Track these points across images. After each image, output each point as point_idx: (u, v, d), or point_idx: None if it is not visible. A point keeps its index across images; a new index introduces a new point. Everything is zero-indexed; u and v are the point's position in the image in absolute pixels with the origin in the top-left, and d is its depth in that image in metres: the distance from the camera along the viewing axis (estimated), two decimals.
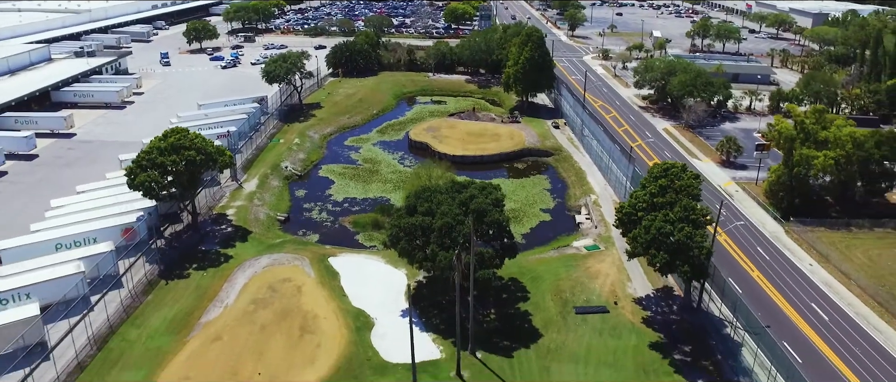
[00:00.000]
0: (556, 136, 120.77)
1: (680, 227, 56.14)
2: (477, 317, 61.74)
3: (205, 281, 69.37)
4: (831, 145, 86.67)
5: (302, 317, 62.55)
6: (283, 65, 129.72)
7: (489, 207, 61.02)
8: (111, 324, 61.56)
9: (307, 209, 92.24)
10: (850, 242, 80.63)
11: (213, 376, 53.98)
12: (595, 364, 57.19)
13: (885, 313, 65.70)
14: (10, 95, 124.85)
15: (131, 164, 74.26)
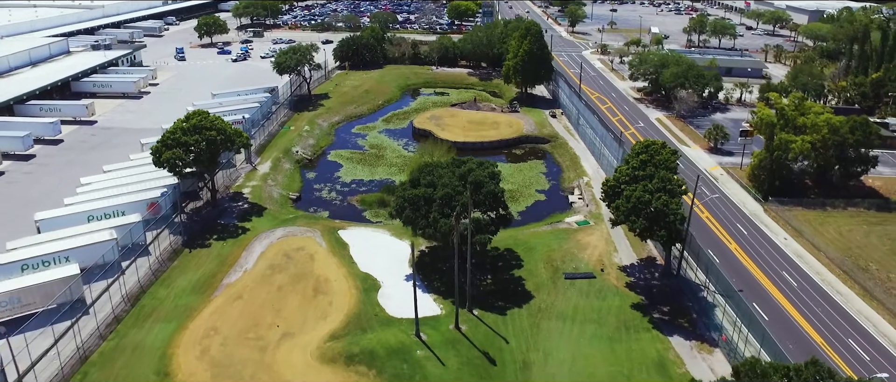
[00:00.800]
0: (553, 124, 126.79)
1: (658, 196, 62.18)
2: (474, 281, 67.77)
3: (225, 250, 75.59)
4: (809, 130, 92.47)
5: (315, 280, 68.73)
6: (294, 56, 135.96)
7: (486, 179, 67.14)
8: (142, 285, 67.84)
9: (317, 190, 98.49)
10: (823, 219, 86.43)
11: (236, 327, 60.15)
12: (581, 321, 63.20)
13: (849, 279, 71.61)
14: (34, 84, 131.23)
15: (157, 143, 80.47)
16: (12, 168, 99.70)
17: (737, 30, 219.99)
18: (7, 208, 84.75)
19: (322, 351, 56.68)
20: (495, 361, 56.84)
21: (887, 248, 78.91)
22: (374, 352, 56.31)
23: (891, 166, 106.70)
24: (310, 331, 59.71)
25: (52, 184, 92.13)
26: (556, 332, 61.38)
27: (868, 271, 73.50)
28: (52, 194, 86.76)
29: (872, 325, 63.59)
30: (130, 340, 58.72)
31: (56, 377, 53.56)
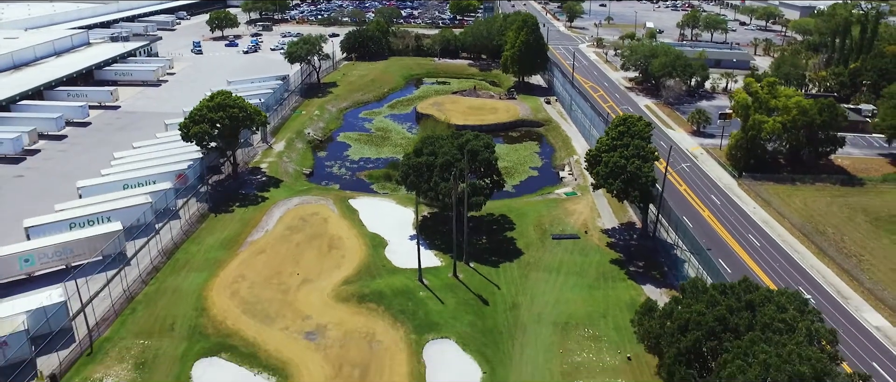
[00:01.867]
0: (548, 110, 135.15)
1: (632, 161, 70.53)
2: (471, 240, 76.06)
3: (247, 214, 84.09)
4: (780, 111, 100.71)
5: (329, 238, 77.21)
6: (304, 46, 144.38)
7: (481, 149, 75.56)
8: (175, 242, 76.37)
9: (328, 166, 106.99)
10: (791, 192, 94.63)
11: (261, 275, 68.64)
12: (565, 273, 71.57)
13: (807, 240, 79.89)
14: (60, 72, 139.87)
15: (186, 119, 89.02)
16: (47, 147, 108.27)
17: (729, 25, 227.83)
18: (47, 180, 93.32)
19: (337, 292, 65.19)
20: (488, 302, 65.26)
21: (845, 215, 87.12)
22: (383, 293, 64.82)
23: (860, 148, 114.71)
24: (325, 278, 68.18)
25: (86, 160, 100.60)
26: (542, 281, 69.75)
27: (825, 234, 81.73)
28: (88, 168, 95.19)
29: (822, 277, 71.89)
30: (169, 285, 67.24)
31: (109, 311, 62.09)
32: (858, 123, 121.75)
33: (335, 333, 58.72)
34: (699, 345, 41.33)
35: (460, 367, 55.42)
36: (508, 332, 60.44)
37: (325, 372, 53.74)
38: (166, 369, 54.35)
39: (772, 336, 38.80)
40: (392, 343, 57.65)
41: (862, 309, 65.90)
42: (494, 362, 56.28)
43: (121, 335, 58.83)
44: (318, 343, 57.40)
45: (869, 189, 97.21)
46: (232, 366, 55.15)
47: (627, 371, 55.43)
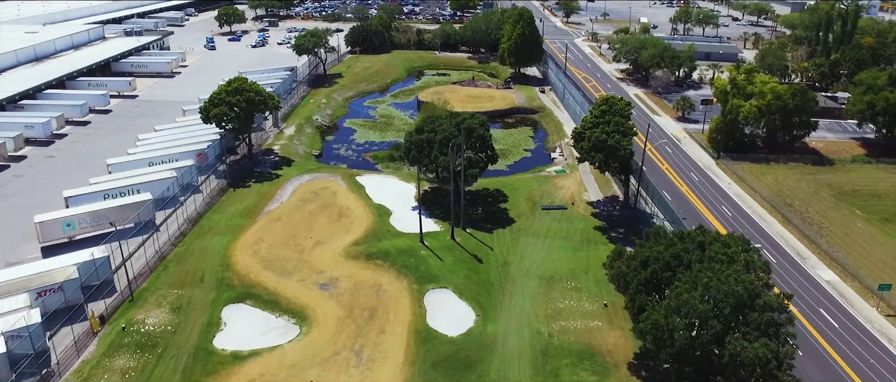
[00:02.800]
0: (542, 98, 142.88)
1: (613, 136, 78.23)
2: (467, 210, 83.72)
3: (263, 189, 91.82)
4: (756, 96, 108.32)
5: (338, 208, 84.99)
6: (311, 39, 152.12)
7: (476, 126, 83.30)
8: (198, 212, 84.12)
9: (336, 149, 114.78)
10: (765, 171, 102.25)
11: (278, 238, 76.40)
12: (552, 237, 79.24)
13: (774, 211, 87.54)
14: (81, 64, 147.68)
15: (205, 103, 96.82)
16: (73, 131, 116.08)
17: (723, 20, 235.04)
18: (77, 160, 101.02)
19: (347, 252, 72.99)
20: (482, 260, 73.00)
21: (812, 190, 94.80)
22: (388, 251, 72.62)
23: (834, 132, 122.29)
24: (336, 240, 75.95)
25: (110, 143, 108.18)
26: (531, 244, 77.47)
27: (792, 206, 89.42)
28: (112, 150, 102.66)
29: (784, 240, 79.60)
30: (196, 246, 75.03)
31: (144, 268, 69.91)
32: (834, 110, 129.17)
33: (346, 284, 66.51)
34: (656, 277, 49.00)
35: (457, 311, 63.17)
36: (499, 284, 68.21)
37: (338, 314, 61.53)
38: (199, 312, 62.12)
39: (715, 265, 46.48)
40: (396, 291, 65.44)
41: (817, 267, 73.60)
42: (487, 307, 64.04)
43: (157, 286, 66.63)
44: (331, 292, 65.19)
45: (837, 168, 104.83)
46: (256, 311, 62.93)
47: (603, 314, 63.16)
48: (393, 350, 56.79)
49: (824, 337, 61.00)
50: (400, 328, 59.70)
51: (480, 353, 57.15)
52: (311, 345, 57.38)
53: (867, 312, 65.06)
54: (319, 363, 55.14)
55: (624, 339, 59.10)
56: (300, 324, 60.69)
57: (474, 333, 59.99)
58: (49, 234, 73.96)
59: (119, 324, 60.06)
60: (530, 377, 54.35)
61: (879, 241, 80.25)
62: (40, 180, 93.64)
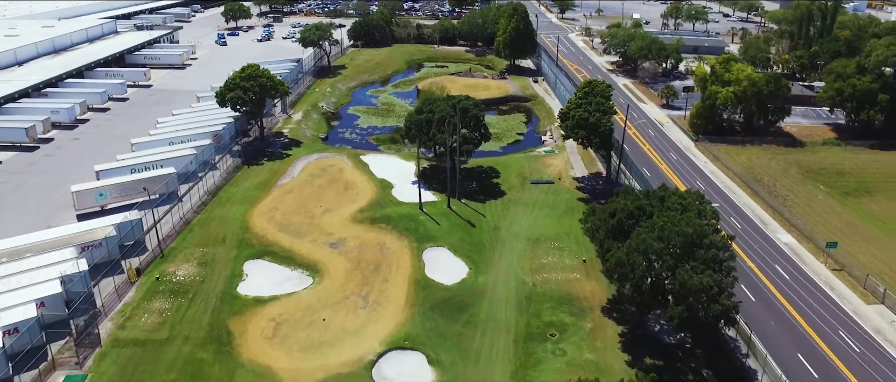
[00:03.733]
0: (535, 88, 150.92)
1: (594, 114, 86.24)
2: (462, 185, 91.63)
3: (275, 166, 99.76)
4: (733, 83, 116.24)
5: (344, 182, 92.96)
6: (316, 32, 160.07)
7: (471, 107, 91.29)
8: (217, 186, 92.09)
9: (341, 132, 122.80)
10: (740, 152, 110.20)
11: (291, 207, 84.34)
12: (539, 207, 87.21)
13: (744, 186, 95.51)
14: (97, 55, 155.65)
15: (221, 87, 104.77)
16: (95, 117, 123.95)
17: (714, 16, 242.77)
18: (100, 142, 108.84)
19: (353, 217, 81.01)
20: (475, 225, 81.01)
21: (781, 168, 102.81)
22: (390, 217, 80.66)
23: (809, 118, 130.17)
24: (344, 208, 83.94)
25: (129, 127, 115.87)
26: (520, 212, 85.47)
27: (761, 181, 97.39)
28: (133, 132, 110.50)
29: (751, 210, 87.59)
30: (217, 213, 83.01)
31: (171, 231, 77.89)
32: (810, 98, 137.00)
33: (353, 243, 74.53)
34: (621, 224, 56.91)
35: (452, 266, 71.21)
36: (490, 244, 76.22)
37: (346, 267, 69.56)
38: (223, 266, 70.13)
39: (671, 213, 54.42)
40: (398, 249, 73.47)
41: (777, 231, 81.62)
42: (478, 262, 72.07)
43: (184, 245, 74.64)
44: (340, 250, 73.22)
45: (808, 150, 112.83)
46: (274, 265, 70.95)
47: (582, 269, 71.17)
48: (395, 295, 64.82)
49: (777, 289, 68.95)
50: (401, 278, 67.73)
51: (472, 298, 65.16)
52: (324, 292, 65.40)
53: (816, 267, 73.08)
54: (331, 305, 63.16)
55: (599, 288, 67.11)
56: (313, 276, 68.69)
57: (467, 282, 68.03)
58: (84, 203, 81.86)
59: (153, 275, 68.05)
60: (515, 317, 62.31)
61: (837, 211, 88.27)
62: (68, 158, 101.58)
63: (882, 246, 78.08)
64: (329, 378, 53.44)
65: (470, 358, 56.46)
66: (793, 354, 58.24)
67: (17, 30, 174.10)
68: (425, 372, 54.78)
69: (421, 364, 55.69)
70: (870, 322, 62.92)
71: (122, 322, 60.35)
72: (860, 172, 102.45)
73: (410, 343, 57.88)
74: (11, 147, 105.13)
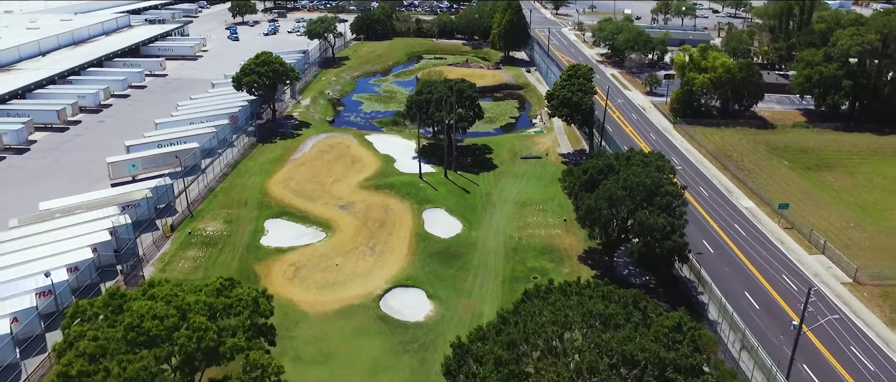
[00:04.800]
0: (527, 77, 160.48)
1: (577, 94, 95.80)
2: (458, 160, 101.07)
3: (287, 144, 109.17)
4: (709, 70, 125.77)
5: (352, 157, 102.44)
6: (321, 25, 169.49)
7: (466, 88, 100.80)
8: (235, 160, 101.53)
9: (346, 116, 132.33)
10: (714, 132, 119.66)
11: (304, 177, 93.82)
12: (527, 178, 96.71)
13: (715, 161, 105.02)
14: (114, 47, 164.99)
15: (238, 73, 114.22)
16: (117, 102, 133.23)
17: (704, 12, 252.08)
18: (124, 123, 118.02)
19: (360, 185, 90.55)
20: (469, 191, 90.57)
21: (750, 146, 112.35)
22: (393, 184, 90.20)
23: (782, 104, 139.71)
24: (351, 178, 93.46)
25: (149, 112, 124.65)
26: (510, 182, 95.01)
27: (731, 158, 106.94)
28: (154, 115, 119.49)
29: (717, 180, 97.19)
30: (237, 182, 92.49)
31: (197, 197, 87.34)
32: (784, 85, 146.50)
33: (361, 205, 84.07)
34: (593, 179, 66.49)
35: (448, 223, 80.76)
36: (482, 207, 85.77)
37: (355, 224, 79.09)
38: (246, 224, 79.61)
39: (634, 168, 63.95)
40: (401, 209, 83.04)
41: (740, 198, 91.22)
42: (471, 221, 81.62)
43: (210, 207, 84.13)
44: (349, 211, 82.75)
45: (778, 131, 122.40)
46: (291, 223, 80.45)
47: (563, 226, 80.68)
48: (398, 245, 74.39)
49: (735, 243, 78.50)
50: (404, 232, 77.29)
51: (465, 249, 74.71)
52: (336, 243, 74.95)
53: (771, 226, 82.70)
54: (343, 254, 72.70)
55: (577, 241, 76.64)
56: (326, 231, 78.23)
57: (461, 237, 77.58)
58: (118, 173, 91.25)
59: (185, 231, 77.56)
60: (503, 263, 71.84)
61: (796, 182, 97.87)
62: (97, 138, 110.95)
63: (830, 210, 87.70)
64: (343, 308, 62.95)
65: (463, 294, 65.97)
66: (741, 292, 67.80)
67: (37, 23, 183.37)
68: (424, 304, 64.33)
69: (421, 298, 65.23)
70: (810, 268, 72.55)
71: (162, 267, 69.83)
72: (822, 150, 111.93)
73: (412, 282, 67.46)
74: (44, 128, 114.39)
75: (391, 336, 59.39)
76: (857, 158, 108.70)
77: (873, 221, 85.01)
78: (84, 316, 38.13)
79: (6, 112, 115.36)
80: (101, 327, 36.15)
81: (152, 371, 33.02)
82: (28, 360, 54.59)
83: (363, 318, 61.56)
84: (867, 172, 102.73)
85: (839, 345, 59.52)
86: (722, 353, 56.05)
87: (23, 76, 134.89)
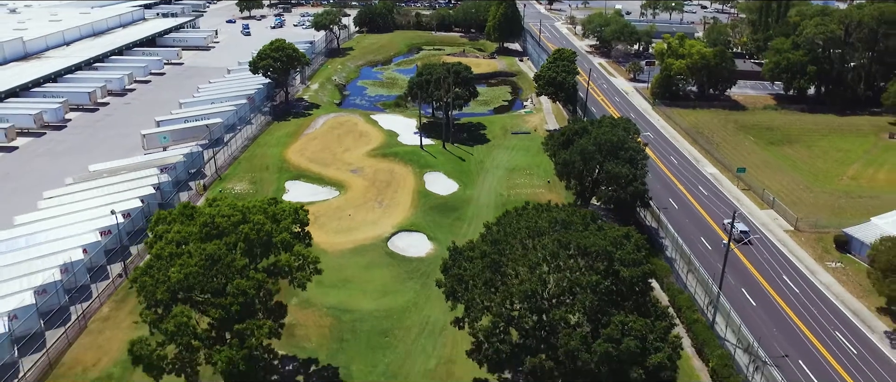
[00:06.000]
0: (520, 65, 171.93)
1: (561, 74, 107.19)
2: (455, 135, 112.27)
3: (300, 121, 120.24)
4: (686, 57, 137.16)
5: (359, 132, 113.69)
6: (327, 17, 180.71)
7: (462, 69, 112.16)
8: (254, 135, 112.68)
9: (352, 99, 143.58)
10: (690, 113, 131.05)
11: (317, 148, 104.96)
12: (516, 149, 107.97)
13: (688, 136, 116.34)
14: (133, 38, 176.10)
15: (254, 58, 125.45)
16: (140, 87, 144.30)
17: (693, 7, 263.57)
18: (149, 105, 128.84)
19: (368, 154, 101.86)
20: (465, 159, 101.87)
21: (721, 124, 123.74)
22: (397, 153, 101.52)
23: (755, 90, 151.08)
24: (360, 149, 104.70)
25: (172, 94, 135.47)
26: (501, 152, 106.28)
27: (702, 133, 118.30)
28: (175, 98, 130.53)
29: (687, 151, 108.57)
30: (258, 152, 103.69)
31: (223, 164, 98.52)
32: (758, 73, 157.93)
33: (369, 169, 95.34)
34: (569, 138, 77.77)
35: (446, 184, 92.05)
36: (476, 172, 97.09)
37: (364, 184, 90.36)
38: (269, 184, 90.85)
39: (604, 128, 75.25)
40: (404, 172, 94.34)
41: (705, 165, 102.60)
42: (466, 182, 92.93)
43: (236, 172, 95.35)
44: (359, 174, 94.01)
45: (748, 113, 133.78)
46: (308, 184, 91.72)
47: (546, 186, 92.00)
48: (403, 200, 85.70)
49: (697, 200, 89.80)
50: (407, 190, 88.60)
51: (461, 204, 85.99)
52: (348, 199, 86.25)
53: (730, 188, 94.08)
54: (354, 207, 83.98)
55: (558, 197, 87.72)
56: (339, 190, 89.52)
57: (457, 194, 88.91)
58: (151, 144, 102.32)
59: (216, 190, 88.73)
60: (493, 213, 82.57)
61: (758, 153, 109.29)
62: (125, 117, 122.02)
63: (785, 176, 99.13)
64: (357, 247, 74.21)
65: (458, 237, 76.68)
66: (698, 238, 79.11)
67: (58, 16, 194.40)
68: (425, 244, 75.67)
69: (422, 240, 76.57)
70: (759, 219, 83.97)
71: None
72: (786, 127, 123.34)
73: (415, 227, 78.78)
74: (77, 109, 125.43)
75: (397, 267, 70.69)
76: (817, 134, 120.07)
77: (821, 184, 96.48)
78: (165, 221, 49.29)
79: (42, 94, 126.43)
80: (180, 227, 47.30)
81: (223, 254, 44.13)
82: (98, 282, 65.85)
83: (374, 254, 72.85)
84: (824, 146, 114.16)
85: (775, 275, 70.86)
86: (673, 278, 67.46)
87: (52, 63, 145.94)
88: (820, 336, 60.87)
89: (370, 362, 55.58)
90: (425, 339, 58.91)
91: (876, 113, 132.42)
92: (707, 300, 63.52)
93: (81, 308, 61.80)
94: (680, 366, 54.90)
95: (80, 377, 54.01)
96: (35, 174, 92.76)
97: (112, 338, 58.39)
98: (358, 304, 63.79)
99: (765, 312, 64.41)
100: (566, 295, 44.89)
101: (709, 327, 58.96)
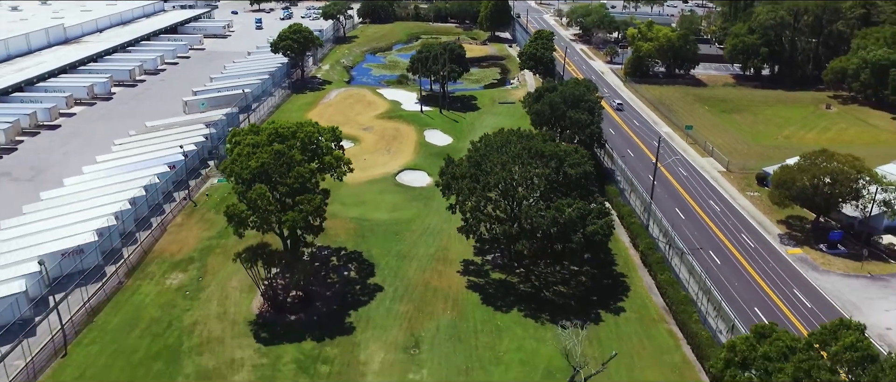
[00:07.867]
0: (509, 51, 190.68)
1: (540, 51, 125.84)
2: (449, 106, 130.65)
3: (316, 94, 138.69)
4: (654, 40, 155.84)
5: (368, 101, 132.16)
6: (335, 7, 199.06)
7: (457, 48, 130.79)
8: (276, 105, 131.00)
9: (359, 78, 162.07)
10: (656, 88, 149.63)
11: (333, 113, 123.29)
12: (503, 115, 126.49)
13: (652, 106, 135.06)
14: (158, 26, 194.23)
15: (275, 39, 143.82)
16: (170, 68, 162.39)
17: (665, 2, 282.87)
18: (182, 81, 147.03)
19: (377, 116, 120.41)
20: (458, 122, 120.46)
21: (681, 96, 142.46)
22: (401, 115, 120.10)
23: (718, 71, 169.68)
24: (370, 113, 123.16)
25: (199, 73, 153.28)
26: (488, 117, 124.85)
27: (663, 103, 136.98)
28: (204, 74, 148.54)
29: (649, 117, 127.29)
30: (284, 116, 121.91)
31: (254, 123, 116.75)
32: (722, 55, 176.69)
33: (378, 128, 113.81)
34: (541, 95, 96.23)
35: (442, 138, 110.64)
36: (468, 130, 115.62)
37: (375, 138, 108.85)
38: None
39: (570, 86, 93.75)
40: (407, 129, 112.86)
41: (661, 126, 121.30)
42: (459, 137, 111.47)
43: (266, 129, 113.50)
44: (369, 131, 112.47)
45: (708, 88, 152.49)
46: None
47: None
48: (406, 149, 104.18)
49: (651, 151, 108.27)
50: (410, 142, 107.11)
51: (455, 152, 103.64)
52: (362, 148, 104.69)
53: (680, 142, 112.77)
54: (367, 154, 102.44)
55: None
56: (354, 142, 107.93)
57: (452, 145, 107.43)
58: (191, 109, 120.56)
59: None
60: None
61: (709, 118, 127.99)
62: (162, 90, 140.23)
63: (728, 135, 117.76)
64: (370, 180, 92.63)
65: None
66: (646, 176, 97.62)
67: (88, 6, 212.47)
68: (426, 178, 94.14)
69: (423, 176, 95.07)
70: (699, 164, 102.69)
71: None
72: (738, 100, 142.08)
73: (417, 167, 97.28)
74: (119, 84, 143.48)
75: (404, 193, 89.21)
76: (764, 105, 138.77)
77: (757, 141, 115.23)
78: (239, 135, 67.71)
79: (88, 71, 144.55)
80: (252, 137, 65.74)
81: (285, 150, 62.44)
82: (170, 203, 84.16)
83: (384, 185, 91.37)
84: (768, 114, 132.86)
85: (703, 200, 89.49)
86: (622, 199, 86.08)
87: (91, 47, 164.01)
88: (729, 236, 79.57)
89: (386, 248, 74.12)
90: (427, 236, 77.47)
91: (821, 89, 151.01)
92: (644, 212, 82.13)
93: (159, 219, 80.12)
94: (619, 252, 74.08)
95: (168, 259, 72.38)
96: (98, 132, 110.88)
97: (187, 237, 76.81)
98: (374, 216, 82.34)
99: (690, 223, 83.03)
100: (527, 181, 63.51)
101: (642, 226, 77.61)
